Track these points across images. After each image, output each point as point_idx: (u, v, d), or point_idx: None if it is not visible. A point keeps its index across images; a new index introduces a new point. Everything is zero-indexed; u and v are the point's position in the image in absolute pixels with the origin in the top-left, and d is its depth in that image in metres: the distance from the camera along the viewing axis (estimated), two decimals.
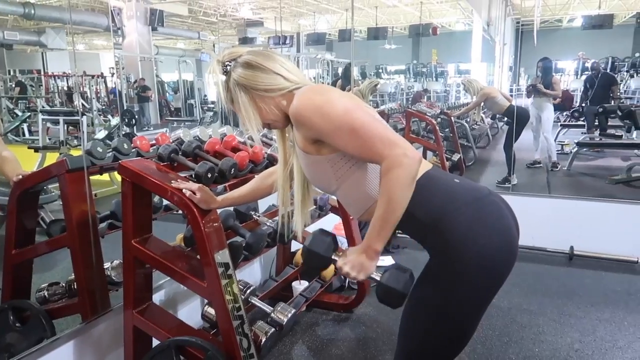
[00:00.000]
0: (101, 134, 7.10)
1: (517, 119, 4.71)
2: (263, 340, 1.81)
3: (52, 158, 4.37)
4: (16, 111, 9.62)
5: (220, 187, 2.09)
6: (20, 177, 1.89)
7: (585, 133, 6.30)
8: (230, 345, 1.63)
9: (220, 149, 2.06)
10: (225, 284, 1.62)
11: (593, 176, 5.80)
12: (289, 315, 1.96)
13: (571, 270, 3.32)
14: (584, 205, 3.59)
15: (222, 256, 1.64)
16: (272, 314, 1.96)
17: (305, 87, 1.27)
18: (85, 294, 1.86)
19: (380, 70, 14.61)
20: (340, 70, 12.78)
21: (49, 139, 6.67)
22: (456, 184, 1.27)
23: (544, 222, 3.50)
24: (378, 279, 1.21)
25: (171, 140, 2.14)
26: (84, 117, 5.91)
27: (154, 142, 2.17)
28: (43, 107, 9.82)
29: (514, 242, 1.24)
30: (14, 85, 11.75)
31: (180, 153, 1.94)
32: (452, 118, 5.57)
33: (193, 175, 1.80)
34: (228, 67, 1.30)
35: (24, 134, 8.40)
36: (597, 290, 2.98)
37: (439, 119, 5.55)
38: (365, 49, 14.84)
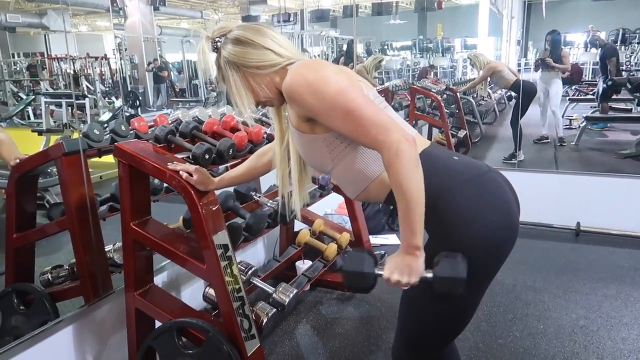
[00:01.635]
0: (105, 115, 7.08)
1: (524, 94, 4.63)
2: (264, 321, 1.81)
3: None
4: (20, 94, 9.61)
5: (222, 167, 2.06)
6: (18, 160, 1.88)
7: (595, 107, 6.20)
8: (231, 327, 1.63)
9: (219, 130, 2.03)
10: (224, 265, 1.61)
11: (601, 151, 5.71)
12: (291, 295, 1.95)
13: (577, 246, 3.29)
14: (592, 180, 3.54)
15: (221, 238, 1.62)
16: (274, 295, 1.95)
17: (298, 62, 1.23)
18: (87, 276, 1.86)
19: (386, 47, 14.40)
20: (345, 48, 12.64)
21: (54, 121, 6.67)
22: (455, 161, 1.24)
23: (551, 198, 3.47)
24: (430, 276, 1.10)
25: (170, 121, 2.11)
26: (87, 99, 5.87)
27: (152, 123, 2.14)
28: (47, 89, 9.82)
29: (514, 219, 1.21)
30: (25, 69, 11.66)
31: (177, 134, 1.92)
32: (458, 94, 5.48)
33: (190, 157, 1.77)
34: (218, 44, 1.25)
35: (29, 117, 8.38)
36: (603, 266, 2.96)
37: (444, 95, 5.47)
38: (370, 25, 14.62)
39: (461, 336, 1.34)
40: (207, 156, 1.76)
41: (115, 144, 1.66)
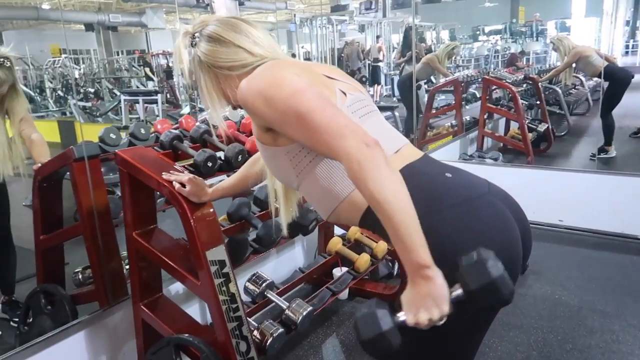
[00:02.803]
0: (187, 109, 7.39)
1: (616, 82, 4.05)
2: (269, 342, 1.69)
3: None
4: (115, 91, 10.30)
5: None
6: (39, 165, 1.92)
7: None
8: (225, 349, 1.52)
9: (234, 134, 1.92)
10: (219, 283, 1.51)
11: None
12: (304, 313, 1.81)
13: None
14: None
15: (216, 253, 1.52)
16: (286, 311, 1.83)
17: (266, 62, 1.07)
18: (99, 281, 1.86)
19: (478, 32, 13.60)
20: (427, 35, 12.08)
21: (145, 117, 7.04)
22: (445, 180, 1.02)
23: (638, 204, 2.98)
24: (460, 292, 0.85)
25: (198, 122, 2.05)
26: (159, 95, 6.12)
27: (177, 125, 2.09)
28: (137, 87, 10.45)
29: (513, 255, 0.97)
30: (142, 65, 12.36)
31: (189, 139, 1.84)
32: (541, 83, 4.95)
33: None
34: (195, 41, 1.12)
35: (127, 113, 8.90)
36: None
37: (525, 85, 4.98)
38: (456, 11, 13.88)
39: None
40: (209, 164, 1.66)
41: (116, 150, 1.61)
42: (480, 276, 0.82)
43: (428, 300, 0.84)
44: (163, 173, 1.52)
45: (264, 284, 1.88)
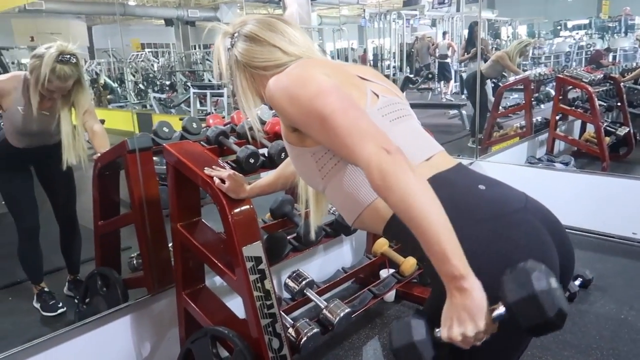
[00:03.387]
0: None
1: None
2: (303, 340, 1.68)
3: None
4: (188, 84, 10.74)
5: None
6: (98, 155, 2.03)
7: None
8: (257, 345, 1.54)
9: (279, 131, 1.92)
10: (254, 279, 1.52)
11: None
12: (342, 314, 1.79)
13: None
14: None
15: (253, 250, 1.53)
16: (324, 311, 1.81)
17: (298, 61, 1.06)
18: (148, 269, 1.94)
19: (559, 27, 12.84)
20: (502, 31, 11.56)
21: (214, 109, 7.31)
22: (477, 192, 0.95)
23: None
24: (503, 311, 0.77)
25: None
26: (225, 89, 6.30)
27: (229, 120, 2.14)
28: (209, 80, 10.82)
29: None
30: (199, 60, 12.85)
31: (235, 135, 1.87)
32: (623, 83, 4.58)
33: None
34: (234, 41, 1.12)
35: (196, 105, 9.25)
36: None
37: (607, 85, 4.62)
38: (536, 4, 13.15)
39: None
40: (251, 160, 1.68)
41: (164, 145, 1.67)
42: (521, 288, 0.74)
43: (463, 313, 0.77)
44: (205, 168, 1.55)
45: (303, 282, 1.88)
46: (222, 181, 1.51)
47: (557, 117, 4.40)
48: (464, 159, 3.87)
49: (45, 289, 2.53)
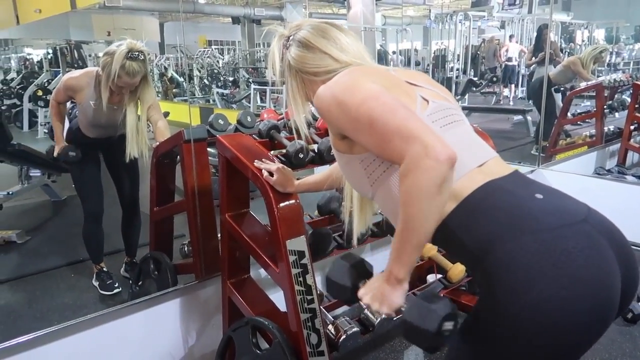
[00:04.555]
0: None
1: None
2: (342, 338, 1.67)
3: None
4: (250, 80, 10.98)
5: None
6: (157, 144, 2.11)
7: None
8: (296, 338, 1.54)
9: None
10: (296, 273, 1.53)
11: None
12: (383, 316, 1.76)
13: None
14: None
15: (297, 244, 1.54)
16: (365, 311, 1.79)
17: (347, 68, 1.06)
18: (197, 256, 2.00)
19: None
20: (577, 35, 10.95)
21: (274, 106, 7.45)
22: (534, 201, 0.90)
23: None
24: (402, 311, 0.94)
25: None
26: (284, 87, 6.37)
27: (283, 115, 2.16)
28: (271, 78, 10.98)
29: (605, 299, 0.83)
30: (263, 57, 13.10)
31: (287, 129, 1.88)
32: None
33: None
34: (288, 44, 1.14)
35: (256, 101, 9.48)
36: None
37: None
38: (616, 7, 12.38)
39: None
40: (300, 155, 1.68)
41: (217, 136, 1.71)
42: (418, 315, 0.88)
43: (379, 295, 0.94)
44: (255, 161, 1.58)
45: None
46: (271, 174, 1.53)
47: (632, 127, 4.11)
48: (524, 166, 3.70)
49: (104, 269, 2.68)
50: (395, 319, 0.97)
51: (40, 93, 7.24)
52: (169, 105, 8.14)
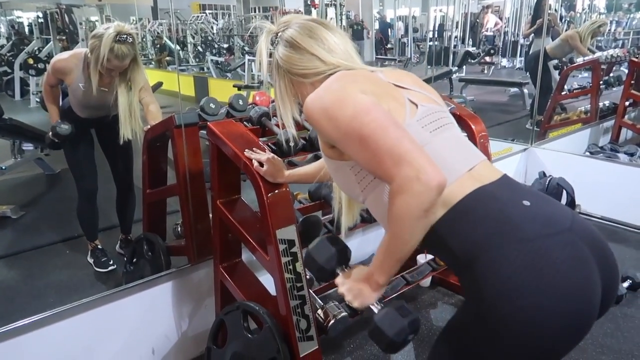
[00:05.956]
0: None
1: None
2: (331, 322, 1.72)
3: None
4: (245, 48, 10.78)
5: None
6: (148, 127, 2.11)
7: None
8: (285, 324, 1.58)
9: None
10: (286, 261, 1.56)
11: None
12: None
13: None
14: None
15: (287, 233, 1.56)
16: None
17: (335, 74, 1.04)
18: (189, 238, 2.02)
19: None
20: (579, 3, 10.76)
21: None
22: (522, 209, 0.91)
23: None
24: (376, 312, 1.02)
25: None
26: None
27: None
28: None
29: (585, 308, 0.86)
30: (272, 22, 12.86)
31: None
32: None
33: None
34: (276, 42, 1.12)
35: (250, 70, 9.35)
36: None
37: None
38: None
39: None
40: (291, 144, 1.69)
41: (208, 123, 1.70)
42: (387, 324, 0.99)
43: (356, 290, 1.02)
44: (245, 150, 1.58)
45: None
46: (261, 165, 1.54)
47: (627, 103, 4.11)
48: (518, 144, 3.72)
49: (99, 247, 2.71)
50: (360, 312, 1.04)
51: (31, 61, 7.12)
52: (162, 75, 8.01)
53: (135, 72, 2.22)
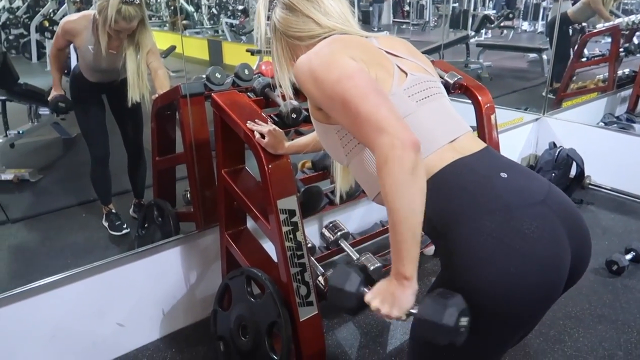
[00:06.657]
0: None
1: None
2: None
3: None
4: None
5: None
6: (156, 96, 2.14)
7: None
8: (286, 290, 1.65)
9: None
10: (287, 231, 1.61)
11: None
12: (371, 268, 1.86)
13: None
14: None
15: (287, 203, 1.60)
16: (355, 263, 1.89)
17: (328, 37, 1.05)
18: (197, 206, 2.08)
19: None
20: None
21: None
22: (498, 181, 0.94)
23: None
24: (416, 311, 0.89)
25: None
26: None
27: None
28: None
29: (552, 278, 0.90)
30: None
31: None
32: None
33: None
34: (274, 4, 1.13)
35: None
36: None
37: None
38: None
39: None
40: (293, 115, 1.71)
41: (212, 94, 1.73)
42: (434, 312, 0.85)
43: (389, 297, 0.89)
44: (248, 122, 1.61)
45: (338, 233, 1.96)
46: (263, 136, 1.57)
47: None
48: (529, 114, 3.67)
49: (113, 211, 2.80)
50: (404, 320, 0.91)
51: (46, 24, 7.12)
52: (175, 38, 7.96)
53: (142, 35, 2.22)
